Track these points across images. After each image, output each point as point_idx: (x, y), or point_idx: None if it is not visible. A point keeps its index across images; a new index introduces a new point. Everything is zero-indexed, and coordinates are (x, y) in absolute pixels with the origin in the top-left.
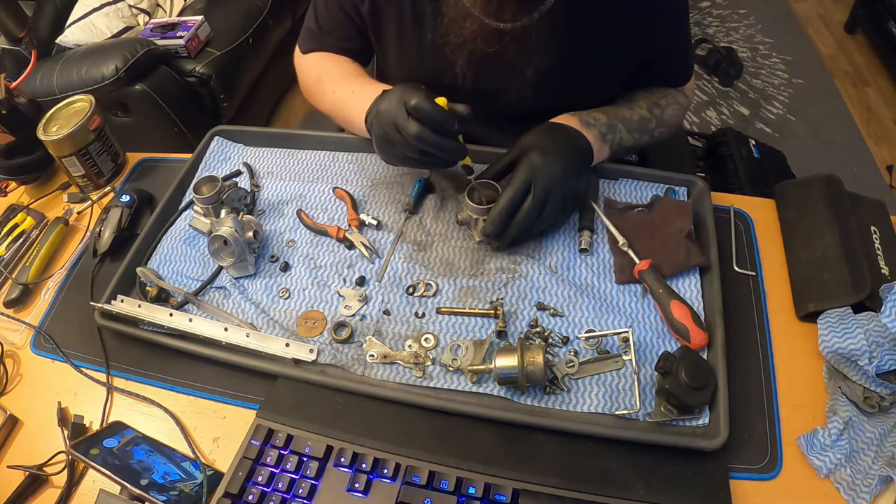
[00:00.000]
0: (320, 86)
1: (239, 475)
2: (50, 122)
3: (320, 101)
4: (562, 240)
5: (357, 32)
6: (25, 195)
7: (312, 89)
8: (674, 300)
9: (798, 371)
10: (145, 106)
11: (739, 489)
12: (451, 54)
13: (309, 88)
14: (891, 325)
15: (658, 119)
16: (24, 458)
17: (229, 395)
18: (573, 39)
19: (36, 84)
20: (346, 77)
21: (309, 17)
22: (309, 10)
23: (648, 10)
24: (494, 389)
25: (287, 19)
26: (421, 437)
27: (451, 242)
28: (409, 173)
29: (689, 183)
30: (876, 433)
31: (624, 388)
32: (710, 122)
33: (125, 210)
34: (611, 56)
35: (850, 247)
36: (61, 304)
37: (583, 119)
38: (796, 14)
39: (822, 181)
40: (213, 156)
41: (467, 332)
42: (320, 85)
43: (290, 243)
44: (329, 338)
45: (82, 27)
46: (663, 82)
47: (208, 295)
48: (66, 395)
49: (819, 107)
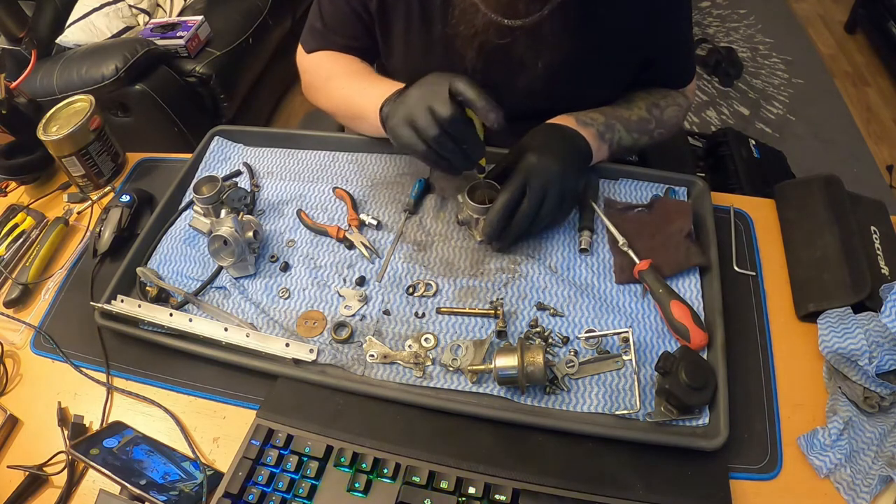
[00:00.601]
0: (329, 84)
1: (239, 475)
2: (50, 122)
3: (327, 98)
4: (562, 240)
5: (364, 29)
6: (25, 195)
7: (319, 88)
8: (674, 300)
9: (798, 371)
10: (145, 106)
11: (739, 489)
12: (461, 47)
13: (314, 87)
14: (891, 325)
15: (657, 120)
16: (24, 458)
17: (229, 395)
18: (584, 34)
19: (36, 84)
20: (357, 74)
21: (313, 16)
22: (313, 8)
23: (652, 7)
24: (494, 389)
25: (287, 19)
26: (421, 437)
27: (451, 242)
28: (409, 173)
29: (689, 183)
30: (876, 433)
31: (624, 388)
32: (710, 122)
33: (125, 210)
34: (617, 53)
35: (850, 247)
36: (61, 304)
37: (580, 119)
38: (796, 14)
39: (822, 181)
40: (213, 156)
41: (467, 332)
42: (329, 83)
43: (290, 243)
44: (329, 338)
45: (82, 27)
46: (664, 83)
47: (208, 295)
48: (66, 395)
49: (819, 107)
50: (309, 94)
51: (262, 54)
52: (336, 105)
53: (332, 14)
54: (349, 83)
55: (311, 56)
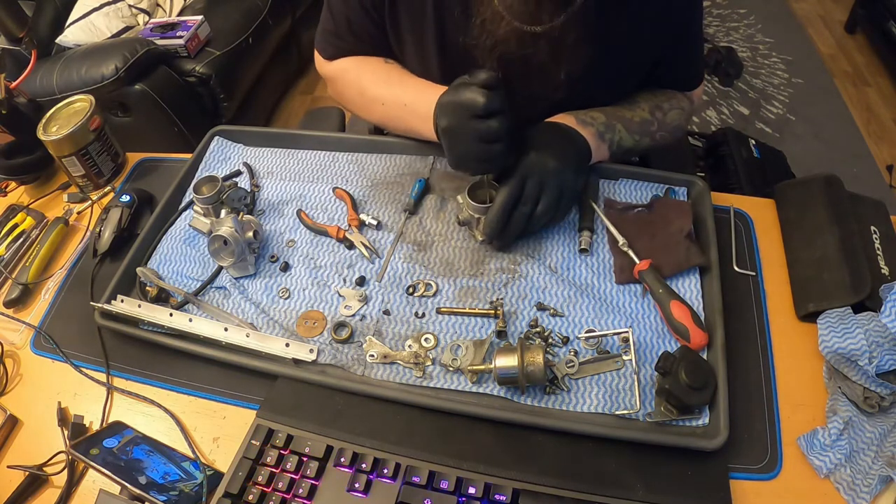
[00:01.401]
0: (365, 99)
1: (239, 475)
2: (50, 122)
3: (369, 114)
4: (562, 240)
5: (379, 30)
6: (25, 195)
7: (356, 103)
8: (674, 300)
9: (798, 371)
10: (145, 106)
11: (739, 489)
12: (481, 57)
13: (352, 102)
14: (891, 325)
15: (660, 122)
16: (24, 458)
17: (229, 395)
18: (603, 39)
19: (36, 84)
20: (391, 84)
21: (326, 20)
22: (324, 11)
23: (666, 8)
24: (494, 389)
25: (287, 19)
26: (421, 437)
27: (451, 242)
28: (409, 173)
29: (689, 183)
30: (876, 433)
31: (624, 388)
32: (710, 122)
33: (125, 210)
34: (635, 55)
35: (850, 247)
36: (61, 304)
37: (579, 118)
38: (796, 14)
39: (822, 181)
40: (213, 156)
41: (467, 332)
42: (365, 98)
43: (290, 243)
44: (329, 338)
45: (82, 27)
46: (671, 84)
47: (208, 295)
48: (66, 395)
49: (819, 107)
50: (344, 102)
51: (261, 54)
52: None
53: (346, 14)
54: (387, 96)
55: (334, 64)
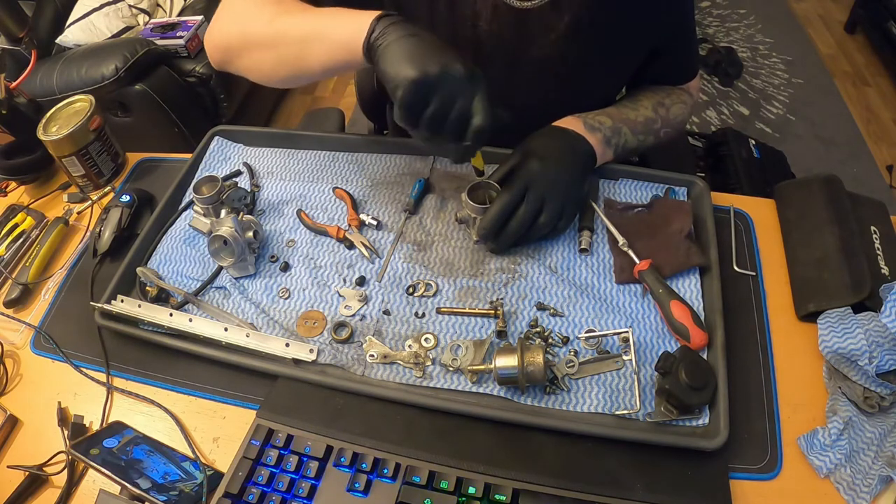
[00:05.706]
0: (273, 27)
1: (239, 475)
2: (50, 122)
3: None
4: (562, 240)
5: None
6: (25, 195)
7: (262, 35)
8: (674, 300)
9: (798, 371)
10: (145, 106)
11: (739, 489)
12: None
13: (254, 37)
14: (891, 325)
15: (663, 119)
16: (24, 458)
17: (229, 395)
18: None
19: (36, 84)
20: (309, 9)
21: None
22: None
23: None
24: (494, 389)
25: None
26: (421, 437)
27: (451, 242)
28: (409, 173)
29: (689, 183)
30: (876, 433)
31: (624, 388)
32: (710, 122)
33: (125, 210)
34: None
35: (850, 247)
36: (61, 304)
37: (587, 123)
38: (796, 14)
39: (822, 181)
40: (213, 156)
41: (467, 332)
42: (273, 27)
43: (290, 243)
44: (329, 338)
45: (82, 27)
46: (669, 79)
47: (208, 295)
48: (66, 395)
49: (819, 107)
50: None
51: None
52: (278, 32)
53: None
54: (303, 18)
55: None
